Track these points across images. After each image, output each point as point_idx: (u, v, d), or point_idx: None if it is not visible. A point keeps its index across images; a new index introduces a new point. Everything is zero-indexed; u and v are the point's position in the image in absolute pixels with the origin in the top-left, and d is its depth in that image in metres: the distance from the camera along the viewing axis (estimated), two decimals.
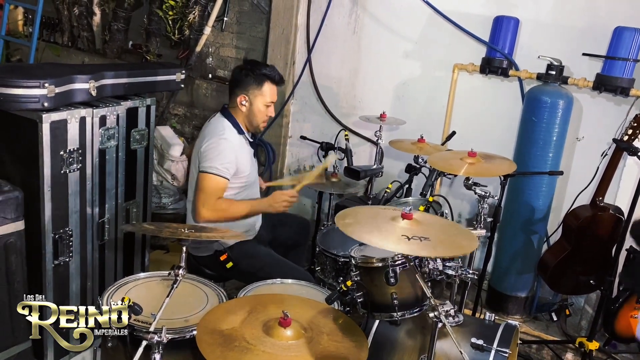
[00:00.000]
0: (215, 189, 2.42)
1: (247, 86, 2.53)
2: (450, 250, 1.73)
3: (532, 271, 3.23)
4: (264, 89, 2.53)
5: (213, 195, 2.42)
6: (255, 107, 2.54)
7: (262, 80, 2.53)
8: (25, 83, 2.24)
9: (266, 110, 2.56)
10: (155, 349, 1.68)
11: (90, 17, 4.60)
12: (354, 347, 1.66)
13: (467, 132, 3.34)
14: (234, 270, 2.51)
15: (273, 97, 2.58)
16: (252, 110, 2.54)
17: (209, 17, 4.00)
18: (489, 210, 2.45)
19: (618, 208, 2.93)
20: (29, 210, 2.35)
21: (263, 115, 2.56)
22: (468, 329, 2.00)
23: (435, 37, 3.46)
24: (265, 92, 2.54)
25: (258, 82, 2.52)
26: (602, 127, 3.09)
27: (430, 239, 1.68)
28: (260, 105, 2.54)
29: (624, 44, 2.83)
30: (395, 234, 1.70)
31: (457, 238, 1.78)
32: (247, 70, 2.54)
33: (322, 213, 3.63)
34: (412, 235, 1.69)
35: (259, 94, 2.53)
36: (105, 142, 2.59)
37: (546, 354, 3.05)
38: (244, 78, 2.53)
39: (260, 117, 2.56)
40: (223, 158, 2.42)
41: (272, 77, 2.54)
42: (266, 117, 2.58)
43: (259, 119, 2.57)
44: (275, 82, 2.56)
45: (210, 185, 2.41)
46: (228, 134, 2.49)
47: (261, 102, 2.54)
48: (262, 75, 2.53)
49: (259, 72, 2.52)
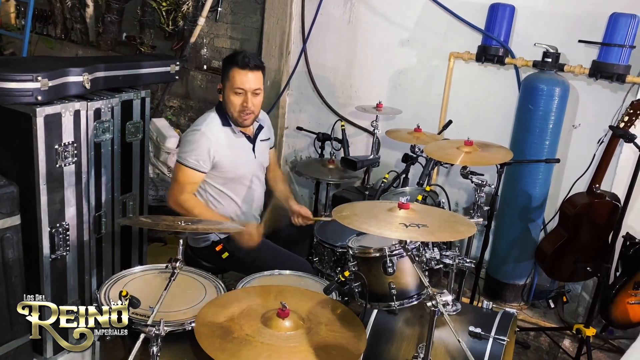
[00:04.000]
0: (183, 180, 2.40)
1: (223, 76, 2.46)
2: (449, 234, 1.73)
3: (529, 259, 3.24)
4: (230, 74, 2.39)
5: (182, 186, 2.40)
6: (226, 95, 2.43)
7: (230, 66, 2.40)
8: (18, 77, 2.22)
9: (236, 98, 2.40)
10: (154, 342, 1.68)
11: (83, 9, 4.57)
12: (352, 337, 1.66)
13: (463, 121, 3.33)
14: (230, 260, 2.51)
15: (241, 83, 2.37)
16: (225, 100, 2.45)
17: (203, 8, 3.97)
18: (486, 198, 2.46)
19: (615, 195, 2.94)
20: (25, 205, 2.34)
21: (235, 105, 2.41)
22: (466, 318, 2.01)
23: (431, 25, 3.44)
24: (232, 78, 2.39)
25: (227, 69, 2.42)
26: (599, 114, 3.09)
27: (428, 225, 1.70)
28: (230, 94, 2.40)
29: (619, 31, 2.83)
30: (393, 222, 1.71)
31: (454, 224, 1.79)
32: (224, 61, 2.49)
33: (320, 204, 3.63)
34: (409, 223, 1.70)
35: (226, 81, 2.42)
36: (100, 135, 2.57)
37: (544, 340, 3.07)
38: (222, 69, 2.48)
39: (231, 107, 2.42)
40: (194, 150, 2.38)
41: (236, 60, 2.37)
42: (240, 107, 2.41)
43: (232, 109, 2.43)
44: (239, 66, 2.36)
45: (180, 175, 2.41)
46: (206, 127, 2.41)
47: (230, 89, 2.40)
48: (228, 62, 2.42)
49: (227, 59, 2.44)
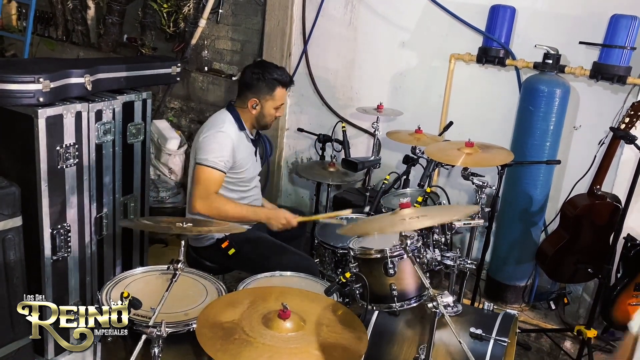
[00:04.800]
0: (210, 182, 2.41)
1: (258, 90, 2.53)
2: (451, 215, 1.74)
3: (530, 260, 3.24)
4: (275, 93, 2.54)
5: (208, 187, 2.41)
6: (265, 110, 2.56)
7: (274, 85, 2.53)
8: (20, 78, 2.23)
9: (275, 112, 2.59)
10: (155, 343, 1.68)
11: (85, 10, 4.57)
12: (353, 339, 1.66)
13: (464, 123, 3.34)
14: (235, 257, 2.51)
15: (283, 100, 2.60)
16: (263, 113, 2.56)
17: (204, 10, 3.97)
18: (487, 200, 2.46)
19: (615, 196, 2.94)
20: (26, 206, 2.34)
21: (272, 116, 2.60)
22: (467, 319, 2.01)
23: (432, 27, 3.45)
24: (277, 97, 2.55)
25: (270, 87, 2.53)
26: (599, 115, 3.09)
27: (427, 215, 1.74)
28: (270, 109, 2.56)
29: (620, 32, 2.83)
30: (394, 220, 1.75)
31: (454, 209, 1.82)
32: (258, 75, 2.53)
33: (320, 205, 3.63)
34: (409, 217, 1.74)
35: (270, 98, 2.54)
36: (102, 136, 2.58)
37: (545, 342, 3.06)
38: (255, 82, 2.53)
39: (269, 118, 2.59)
40: (219, 151, 2.42)
41: (283, 81, 2.55)
42: (275, 117, 2.62)
43: (267, 120, 2.59)
44: (286, 86, 2.59)
45: (205, 178, 2.41)
46: (227, 128, 2.49)
47: (272, 105, 2.56)
48: (273, 81, 2.53)
49: (270, 77, 2.52)
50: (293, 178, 4.12)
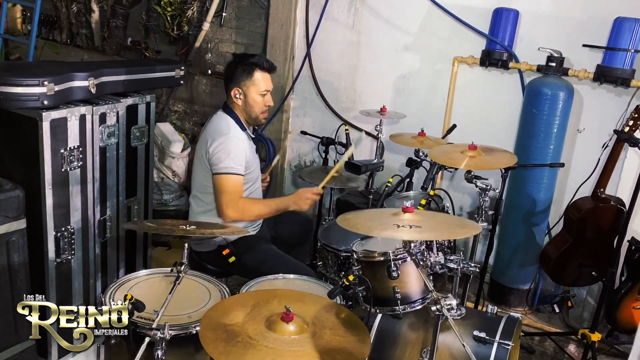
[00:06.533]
0: (235, 188, 2.45)
1: (238, 78, 2.54)
2: (453, 233, 1.73)
3: (534, 263, 3.23)
4: (254, 77, 2.53)
5: (234, 194, 2.44)
6: (250, 97, 2.54)
7: (252, 69, 2.53)
8: (24, 81, 2.24)
9: (262, 99, 2.56)
10: (158, 346, 1.69)
11: (89, 14, 4.60)
12: (356, 342, 1.66)
13: (467, 125, 3.34)
14: (236, 265, 2.52)
15: (267, 85, 2.57)
16: (248, 101, 2.55)
17: (208, 13, 3.99)
18: (490, 203, 2.45)
19: (619, 199, 2.93)
20: (31, 209, 2.35)
21: (260, 105, 2.56)
22: (470, 322, 2.00)
23: (435, 30, 3.45)
24: (257, 81, 2.54)
25: (248, 72, 2.53)
26: (603, 118, 3.08)
27: (422, 227, 1.71)
28: (254, 95, 2.54)
29: (624, 35, 2.82)
30: (387, 223, 1.73)
31: (458, 225, 1.81)
32: (235, 63, 2.56)
33: (324, 208, 3.63)
34: (413, 225, 1.72)
35: (250, 84, 2.54)
36: (106, 139, 2.58)
37: (549, 345, 3.05)
38: (234, 71, 2.55)
39: (257, 107, 2.56)
40: (236, 156, 2.45)
41: (260, 64, 2.54)
42: (264, 107, 2.59)
43: (256, 110, 2.57)
44: (264, 69, 2.55)
45: (229, 185, 2.43)
46: (234, 132, 2.51)
47: (255, 91, 2.54)
48: (250, 65, 2.53)
49: (246, 62, 2.54)
50: (296, 181, 4.12)
